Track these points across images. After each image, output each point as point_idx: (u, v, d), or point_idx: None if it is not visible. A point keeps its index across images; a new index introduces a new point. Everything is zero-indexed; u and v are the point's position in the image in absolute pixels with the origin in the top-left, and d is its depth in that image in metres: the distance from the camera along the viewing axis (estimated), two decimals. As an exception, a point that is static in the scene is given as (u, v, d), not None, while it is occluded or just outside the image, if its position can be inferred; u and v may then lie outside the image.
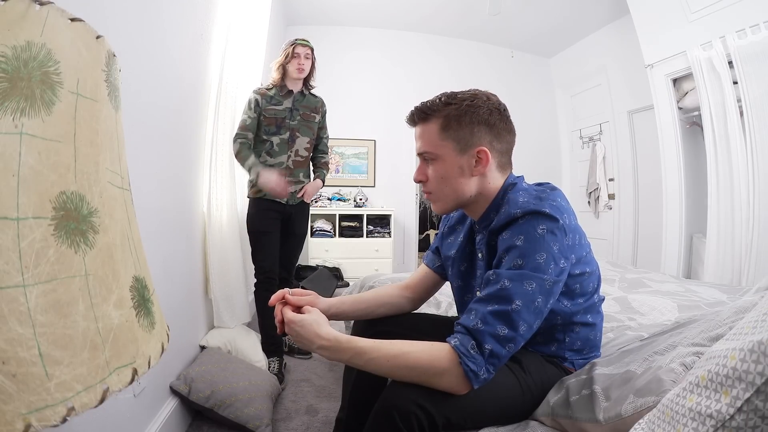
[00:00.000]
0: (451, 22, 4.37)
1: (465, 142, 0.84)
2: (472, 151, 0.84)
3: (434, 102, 0.86)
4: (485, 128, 0.84)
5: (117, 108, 0.48)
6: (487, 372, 0.72)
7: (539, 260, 0.74)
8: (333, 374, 1.96)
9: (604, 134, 4.30)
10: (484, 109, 0.84)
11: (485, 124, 0.84)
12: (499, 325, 0.72)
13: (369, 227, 4.10)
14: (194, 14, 1.55)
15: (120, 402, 1.02)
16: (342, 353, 0.77)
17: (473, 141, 0.84)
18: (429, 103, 0.86)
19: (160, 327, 0.51)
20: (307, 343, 0.79)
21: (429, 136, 0.86)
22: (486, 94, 0.87)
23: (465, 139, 0.84)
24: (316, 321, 0.80)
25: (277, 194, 1.88)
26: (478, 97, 0.85)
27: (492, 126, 0.85)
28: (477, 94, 0.86)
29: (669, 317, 1.36)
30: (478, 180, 0.87)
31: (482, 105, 0.84)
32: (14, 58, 0.33)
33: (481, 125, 0.84)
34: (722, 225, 2.64)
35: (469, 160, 0.85)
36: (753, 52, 2.41)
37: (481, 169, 0.85)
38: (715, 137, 2.66)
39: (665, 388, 0.63)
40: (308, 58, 1.97)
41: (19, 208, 0.32)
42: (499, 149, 0.87)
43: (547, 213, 0.76)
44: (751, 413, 0.37)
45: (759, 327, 0.42)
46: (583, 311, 0.89)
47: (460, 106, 0.83)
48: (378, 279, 1.91)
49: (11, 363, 0.31)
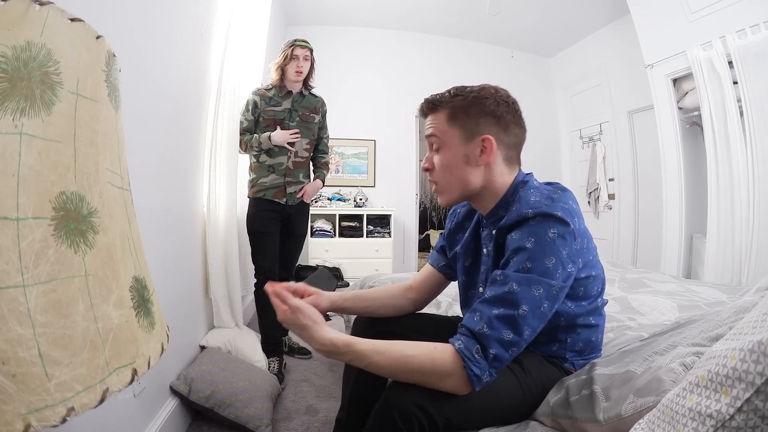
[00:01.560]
0: (451, 22, 4.37)
1: (471, 130, 0.85)
2: (477, 139, 0.85)
3: (443, 94, 0.88)
4: (492, 119, 0.85)
5: (117, 108, 0.48)
6: (490, 375, 0.72)
7: (548, 265, 0.74)
8: (333, 374, 1.96)
9: (604, 134, 4.30)
10: (491, 100, 0.85)
11: (492, 115, 0.85)
12: (504, 330, 0.72)
13: (369, 227, 4.10)
14: (194, 14, 1.55)
15: (120, 402, 1.02)
16: (342, 355, 0.77)
17: (479, 130, 0.85)
18: (438, 95, 0.89)
19: (160, 327, 0.51)
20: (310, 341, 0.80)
21: (437, 124, 0.88)
22: (494, 87, 0.89)
23: (471, 128, 0.85)
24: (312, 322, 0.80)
25: (287, 141, 1.94)
26: (485, 89, 0.87)
27: (499, 118, 0.86)
28: (485, 87, 0.88)
29: (669, 317, 1.36)
30: (484, 171, 0.87)
31: (489, 97, 0.86)
32: (14, 58, 0.33)
33: (488, 116, 0.85)
34: (722, 225, 2.64)
35: (474, 149, 0.85)
36: (753, 52, 2.41)
37: (486, 158, 0.85)
38: (715, 137, 2.66)
39: (665, 388, 0.63)
40: (307, 60, 1.97)
41: (19, 208, 0.32)
42: (506, 142, 0.87)
43: (560, 217, 0.75)
44: (751, 413, 0.37)
45: (759, 327, 0.42)
46: (587, 314, 0.88)
47: (467, 98, 0.85)
48: (378, 279, 1.91)
49: (11, 363, 0.31)
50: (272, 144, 1.92)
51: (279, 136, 1.92)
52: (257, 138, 1.93)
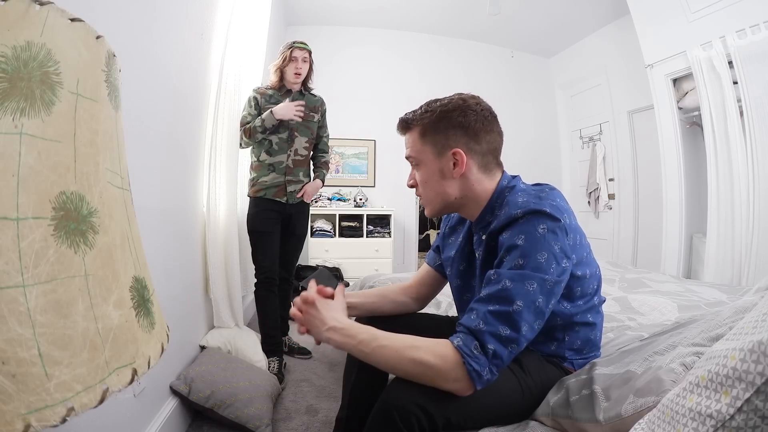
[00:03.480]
0: (451, 21, 4.37)
1: (441, 145, 0.87)
2: (447, 153, 0.87)
3: (414, 112, 0.91)
4: (460, 131, 0.86)
5: (117, 108, 0.48)
6: (491, 373, 0.72)
7: (540, 260, 0.74)
8: (333, 374, 1.96)
9: (604, 134, 4.30)
10: (457, 112, 0.86)
11: (459, 126, 0.86)
12: (500, 326, 0.72)
13: (369, 227, 4.10)
14: (194, 14, 1.55)
15: (120, 402, 1.02)
16: (352, 337, 0.80)
17: (448, 144, 0.87)
18: (410, 113, 0.92)
19: (160, 327, 0.51)
20: (320, 324, 0.84)
21: (412, 143, 0.92)
22: (463, 97, 0.89)
23: (440, 142, 0.87)
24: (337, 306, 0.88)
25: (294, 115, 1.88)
26: (452, 101, 0.88)
27: (467, 128, 0.86)
28: (453, 99, 0.89)
29: (669, 317, 1.36)
30: (460, 182, 0.89)
31: (456, 109, 0.87)
32: (14, 58, 0.33)
33: (455, 128, 0.86)
34: (722, 225, 2.64)
35: (446, 163, 0.87)
36: (753, 52, 2.41)
37: (459, 170, 0.87)
38: (715, 137, 2.66)
39: (665, 388, 0.63)
40: (306, 62, 1.97)
41: (18, 208, 0.32)
42: (478, 150, 0.88)
43: (548, 213, 0.76)
44: (751, 413, 0.37)
45: (759, 327, 0.42)
46: (584, 312, 0.89)
47: (435, 113, 0.87)
48: (378, 279, 1.91)
49: (11, 363, 0.31)
50: (276, 120, 1.88)
51: (282, 109, 1.87)
52: (260, 117, 1.90)
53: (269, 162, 1.96)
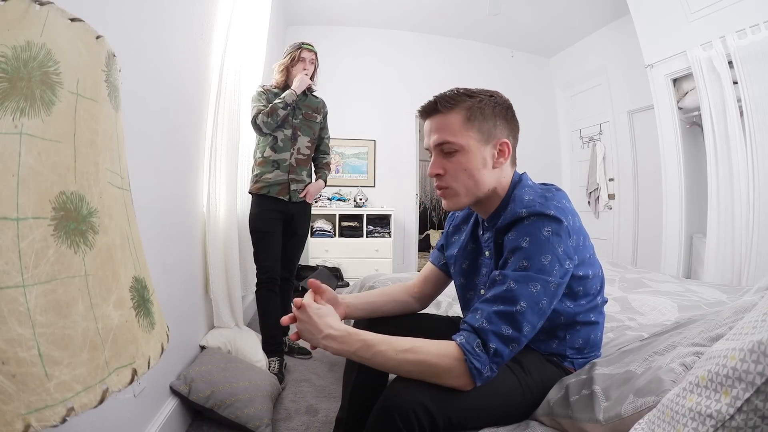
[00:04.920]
0: (451, 22, 4.37)
1: (489, 133, 0.85)
2: (494, 142, 0.86)
3: (455, 94, 0.86)
4: (504, 122, 0.87)
5: (117, 108, 0.48)
6: (491, 370, 0.73)
7: (544, 262, 0.75)
8: (333, 374, 1.96)
9: (604, 134, 4.30)
10: (502, 105, 0.87)
11: (504, 118, 0.87)
12: (503, 326, 0.73)
13: (369, 227, 4.10)
14: (194, 14, 1.55)
15: (120, 402, 1.02)
16: (349, 344, 0.78)
17: (496, 133, 0.86)
18: (449, 94, 0.86)
19: (160, 327, 0.51)
20: (315, 332, 0.81)
21: (450, 127, 0.84)
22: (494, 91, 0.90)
23: (489, 130, 0.85)
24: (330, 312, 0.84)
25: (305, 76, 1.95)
26: (494, 92, 0.89)
27: (508, 121, 0.88)
28: (488, 90, 0.89)
29: (669, 317, 1.36)
30: (496, 174, 0.88)
31: (500, 101, 0.88)
32: (14, 58, 0.33)
33: (502, 119, 0.87)
34: (722, 225, 2.64)
35: (491, 151, 0.86)
36: (753, 52, 2.41)
37: (501, 161, 0.87)
38: (715, 137, 2.66)
39: (665, 388, 0.63)
40: (313, 63, 2.02)
41: (18, 208, 0.32)
42: (513, 145, 0.90)
43: (552, 215, 0.77)
44: (751, 413, 0.37)
45: (759, 327, 0.42)
46: (586, 311, 0.89)
47: (483, 99, 0.85)
48: (378, 279, 1.91)
49: (11, 363, 0.31)
50: (297, 94, 1.93)
51: (298, 81, 1.94)
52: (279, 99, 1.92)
53: (274, 158, 1.97)
